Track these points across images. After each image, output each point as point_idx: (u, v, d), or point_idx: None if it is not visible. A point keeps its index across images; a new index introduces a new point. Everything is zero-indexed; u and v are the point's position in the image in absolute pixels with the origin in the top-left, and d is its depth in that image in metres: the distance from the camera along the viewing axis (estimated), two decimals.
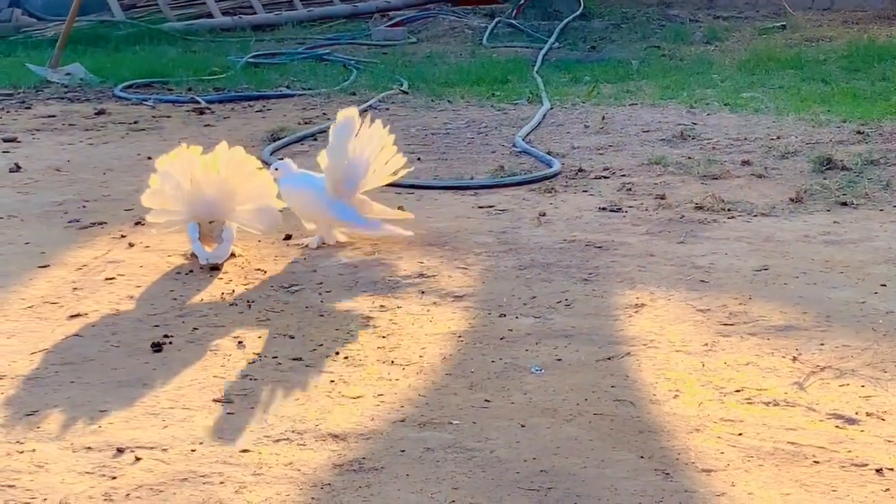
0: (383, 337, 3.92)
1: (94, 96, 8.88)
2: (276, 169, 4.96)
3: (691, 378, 3.54)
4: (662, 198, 5.59)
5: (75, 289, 4.38)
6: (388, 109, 8.17)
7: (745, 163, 6.25)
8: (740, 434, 3.16)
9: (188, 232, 4.74)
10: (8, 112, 8.24)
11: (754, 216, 5.28)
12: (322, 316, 4.12)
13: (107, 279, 4.49)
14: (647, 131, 7.21)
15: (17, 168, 6.38)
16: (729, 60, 10.14)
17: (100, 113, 8.10)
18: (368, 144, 4.93)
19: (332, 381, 3.54)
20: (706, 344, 3.80)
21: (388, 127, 5.05)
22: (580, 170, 6.20)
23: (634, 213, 5.39)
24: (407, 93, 8.83)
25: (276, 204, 4.88)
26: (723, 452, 3.06)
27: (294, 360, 3.71)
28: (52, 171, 6.35)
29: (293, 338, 3.90)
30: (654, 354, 3.72)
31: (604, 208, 5.46)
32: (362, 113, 5.19)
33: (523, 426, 3.23)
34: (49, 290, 4.36)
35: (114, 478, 2.92)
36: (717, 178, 5.96)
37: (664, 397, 3.41)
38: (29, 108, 8.42)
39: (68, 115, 8.09)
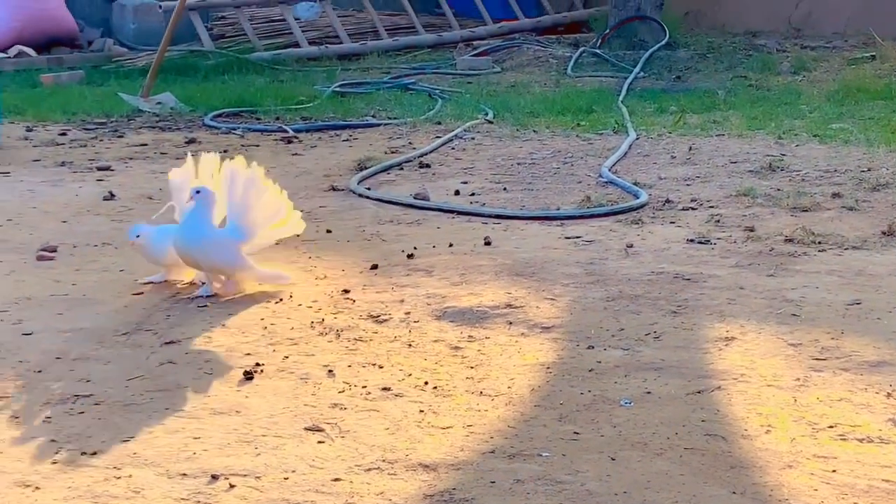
0: (472, 367, 3.93)
1: (185, 125, 9.02)
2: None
3: (783, 413, 3.51)
4: (751, 230, 5.55)
5: (169, 316, 4.45)
6: (473, 139, 8.21)
7: (836, 195, 6.19)
8: (834, 471, 3.12)
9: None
10: (101, 140, 8.40)
11: (845, 249, 5.23)
12: (410, 346, 4.14)
13: (199, 307, 4.55)
14: (735, 162, 7.17)
15: (111, 196, 6.50)
16: (817, 91, 10.05)
17: (190, 142, 8.23)
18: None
19: (422, 411, 3.56)
20: (798, 379, 3.76)
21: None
22: (667, 201, 6.18)
23: (723, 245, 5.36)
24: (492, 122, 8.86)
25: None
26: (816, 489, 3.02)
27: (383, 389, 3.73)
28: (145, 199, 6.45)
29: (382, 367, 3.93)
30: (745, 389, 3.69)
31: (692, 240, 5.44)
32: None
33: (613, 459, 3.22)
34: (143, 317, 4.44)
35: None
36: (806, 211, 5.91)
37: (756, 432, 3.38)
38: (121, 136, 8.57)
39: (160, 144, 8.22)
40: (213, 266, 4.67)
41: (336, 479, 3.10)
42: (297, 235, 5.56)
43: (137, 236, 4.78)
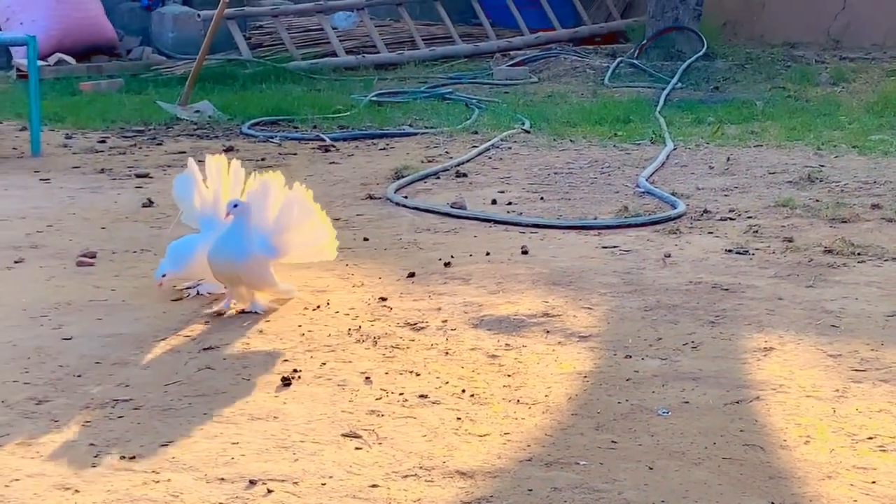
0: (509, 375, 3.93)
1: (223, 133, 9.07)
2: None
3: (822, 424, 3.48)
4: (790, 241, 5.53)
5: (207, 322, 4.47)
6: (510, 149, 8.21)
7: (875, 206, 6.15)
8: (874, 482, 3.10)
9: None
10: (140, 148, 8.46)
11: (885, 260, 5.20)
12: (447, 354, 4.14)
13: (237, 313, 4.57)
14: (774, 173, 7.14)
15: (150, 203, 6.54)
16: (856, 102, 10.00)
17: (228, 150, 8.26)
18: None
19: (459, 419, 3.56)
20: (837, 390, 3.74)
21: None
22: (705, 211, 6.16)
23: (762, 255, 5.34)
24: (529, 132, 8.86)
25: None
26: (856, 501, 3.00)
27: (420, 396, 3.73)
28: None
29: (419, 375, 3.93)
30: (784, 399, 3.67)
31: (730, 250, 5.42)
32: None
33: (651, 468, 3.21)
34: (182, 322, 4.46)
35: None
36: (846, 222, 5.87)
37: (795, 443, 3.36)
38: (160, 144, 8.63)
39: (198, 152, 8.24)
40: (251, 283, 4.61)
41: (373, 486, 3.10)
42: None
43: (163, 276, 4.69)
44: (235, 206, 4.53)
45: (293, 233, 4.68)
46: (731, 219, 6.04)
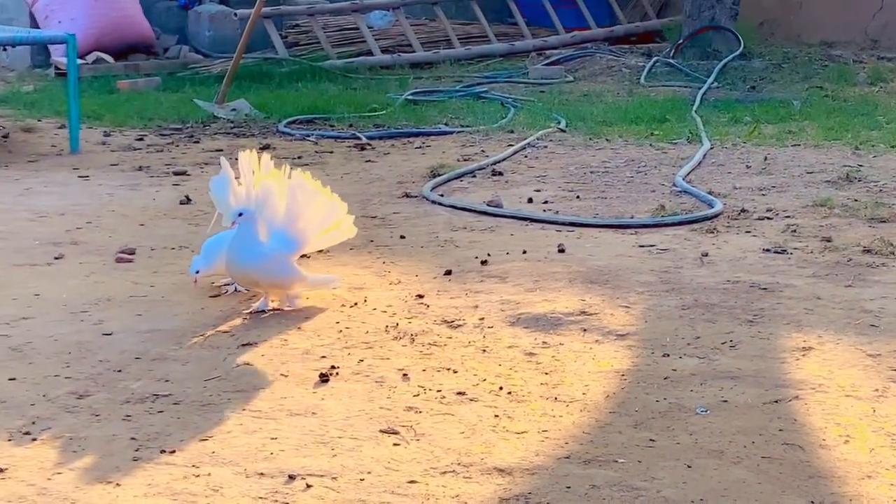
0: (546, 373, 3.93)
1: (259, 132, 9.10)
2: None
3: (862, 424, 3.47)
4: (829, 240, 5.50)
5: (245, 318, 4.49)
6: (546, 147, 8.21)
7: None
8: None
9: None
10: (177, 146, 8.50)
11: None
12: (484, 351, 4.15)
13: (275, 310, 4.59)
14: (811, 172, 7.11)
15: (188, 200, 6.57)
16: (894, 102, 9.93)
17: (265, 148, 8.28)
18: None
19: (497, 416, 3.56)
20: (877, 389, 3.72)
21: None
22: (743, 210, 6.14)
23: (800, 255, 5.32)
24: (565, 131, 8.85)
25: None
26: None
27: (458, 393, 3.74)
28: None
29: (456, 372, 3.94)
30: (823, 399, 3.66)
31: (768, 250, 5.40)
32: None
33: (689, 467, 3.20)
34: (220, 319, 4.48)
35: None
36: (884, 222, 5.84)
37: (834, 442, 3.35)
38: (197, 142, 8.67)
39: (235, 150, 8.20)
40: (273, 283, 4.58)
41: (412, 482, 3.12)
42: (371, 241, 5.61)
43: (197, 272, 4.70)
44: (240, 214, 4.48)
45: (305, 217, 4.62)
46: (768, 218, 6.01)
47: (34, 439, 3.37)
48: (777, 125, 8.94)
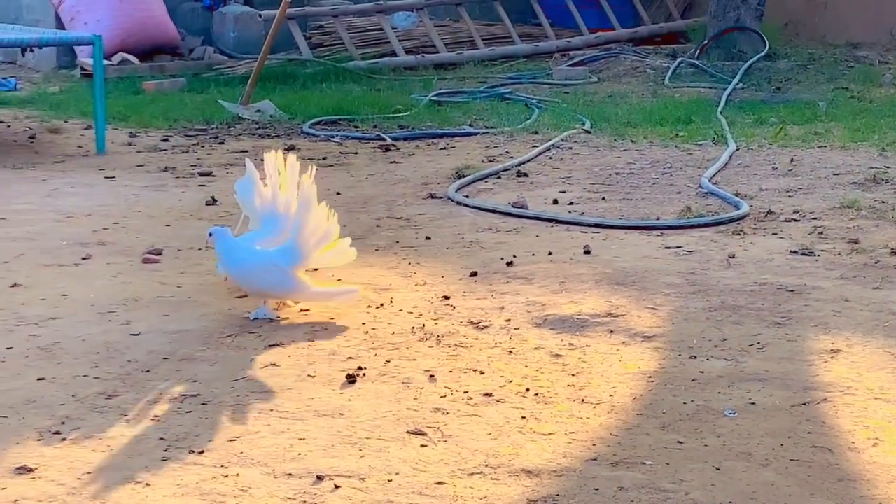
0: (573, 375, 3.93)
1: (284, 132, 9.12)
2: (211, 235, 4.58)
3: (891, 426, 3.46)
4: (856, 242, 5.48)
5: (272, 319, 4.49)
6: (570, 148, 8.20)
7: None
8: None
9: None
10: (202, 147, 8.52)
11: None
12: (511, 352, 4.15)
13: (301, 311, 4.60)
14: (838, 174, 7.08)
15: (214, 201, 6.59)
16: None
17: (290, 149, 8.29)
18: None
19: (524, 417, 3.56)
20: None
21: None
22: (769, 212, 6.12)
23: (827, 257, 5.30)
24: (590, 132, 8.84)
25: None
26: None
27: (485, 395, 3.74)
28: None
29: (483, 373, 3.94)
30: (852, 401, 3.65)
31: (795, 251, 5.38)
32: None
33: (718, 469, 3.20)
34: (247, 320, 4.49)
35: None
36: None
37: (863, 445, 3.34)
38: (222, 143, 8.69)
39: (260, 151, 8.26)
40: (260, 292, 4.54)
41: (439, 483, 3.12)
42: (397, 242, 5.62)
43: (210, 234, 4.59)
44: (210, 234, 4.53)
45: (306, 229, 4.50)
46: (795, 220, 5.99)
47: (64, 439, 3.39)
48: (803, 126, 8.90)
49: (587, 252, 5.44)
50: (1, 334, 4.30)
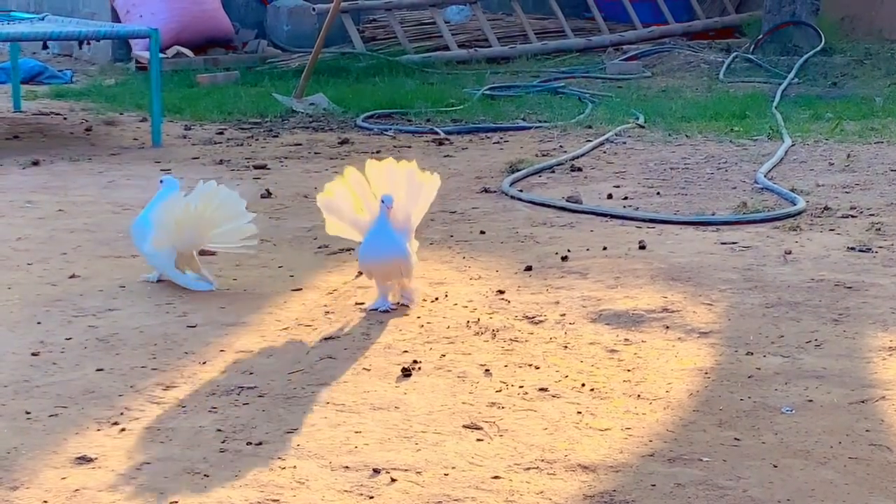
0: (628, 370, 3.92)
1: (338, 126, 9.14)
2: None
3: None
4: None
5: (327, 312, 4.51)
6: (624, 143, 8.16)
7: None
8: None
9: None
10: (257, 140, 8.57)
11: None
12: (566, 347, 4.14)
13: (356, 304, 4.61)
14: (895, 170, 7.00)
15: (268, 194, 6.63)
16: None
17: (343, 142, 8.34)
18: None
19: (579, 413, 3.56)
20: None
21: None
22: (826, 208, 6.07)
23: (885, 253, 5.25)
24: (643, 127, 8.80)
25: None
26: None
27: (540, 389, 3.74)
28: (301, 197, 6.56)
29: (538, 368, 3.94)
30: None
31: (852, 248, 5.33)
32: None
33: (775, 467, 3.18)
34: (302, 312, 4.51)
35: (371, 497, 3.00)
36: None
37: None
38: (276, 136, 8.73)
39: (313, 144, 8.35)
40: (409, 274, 4.58)
41: (496, 477, 3.12)
42: (451, 236, 5.63)
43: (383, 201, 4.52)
44: (383, 201, 4.48)
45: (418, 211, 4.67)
46: (852, 216, 5.94)
47: (123, 430, 3.42)
48: (859, 122, 8.82)
49: (642, 247, 5.41)
50: (60, 325, 4.34)
